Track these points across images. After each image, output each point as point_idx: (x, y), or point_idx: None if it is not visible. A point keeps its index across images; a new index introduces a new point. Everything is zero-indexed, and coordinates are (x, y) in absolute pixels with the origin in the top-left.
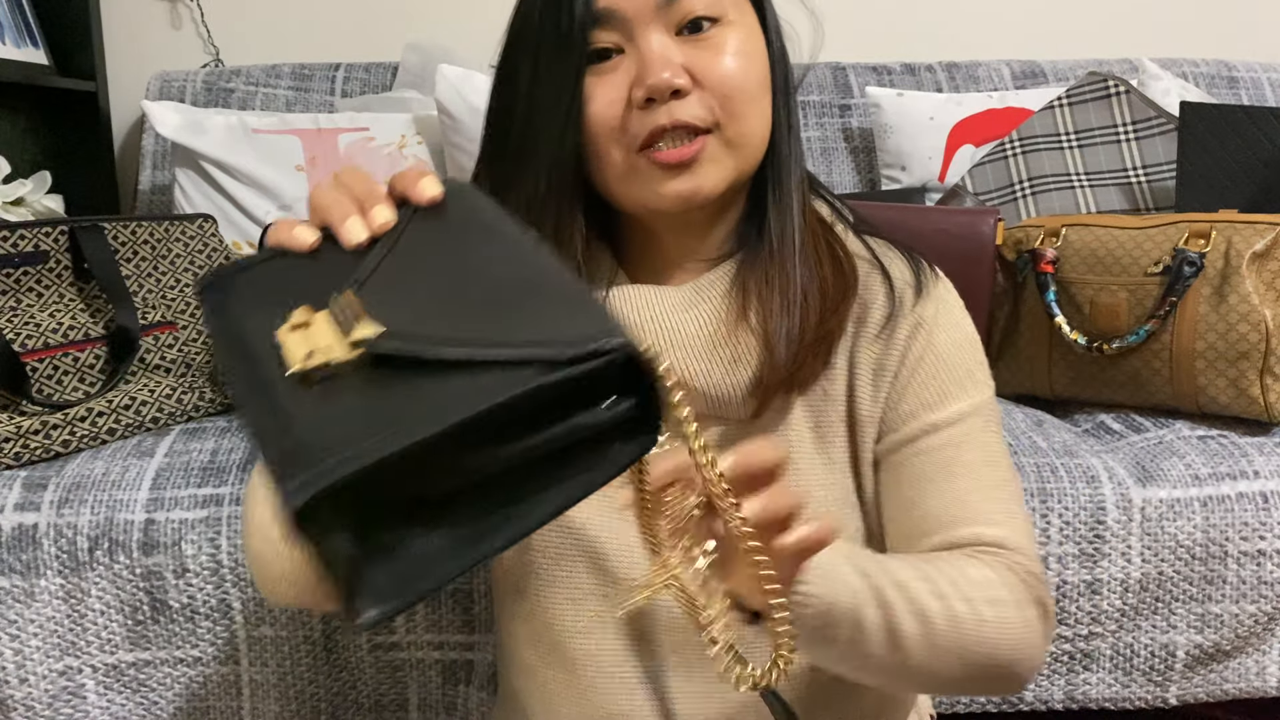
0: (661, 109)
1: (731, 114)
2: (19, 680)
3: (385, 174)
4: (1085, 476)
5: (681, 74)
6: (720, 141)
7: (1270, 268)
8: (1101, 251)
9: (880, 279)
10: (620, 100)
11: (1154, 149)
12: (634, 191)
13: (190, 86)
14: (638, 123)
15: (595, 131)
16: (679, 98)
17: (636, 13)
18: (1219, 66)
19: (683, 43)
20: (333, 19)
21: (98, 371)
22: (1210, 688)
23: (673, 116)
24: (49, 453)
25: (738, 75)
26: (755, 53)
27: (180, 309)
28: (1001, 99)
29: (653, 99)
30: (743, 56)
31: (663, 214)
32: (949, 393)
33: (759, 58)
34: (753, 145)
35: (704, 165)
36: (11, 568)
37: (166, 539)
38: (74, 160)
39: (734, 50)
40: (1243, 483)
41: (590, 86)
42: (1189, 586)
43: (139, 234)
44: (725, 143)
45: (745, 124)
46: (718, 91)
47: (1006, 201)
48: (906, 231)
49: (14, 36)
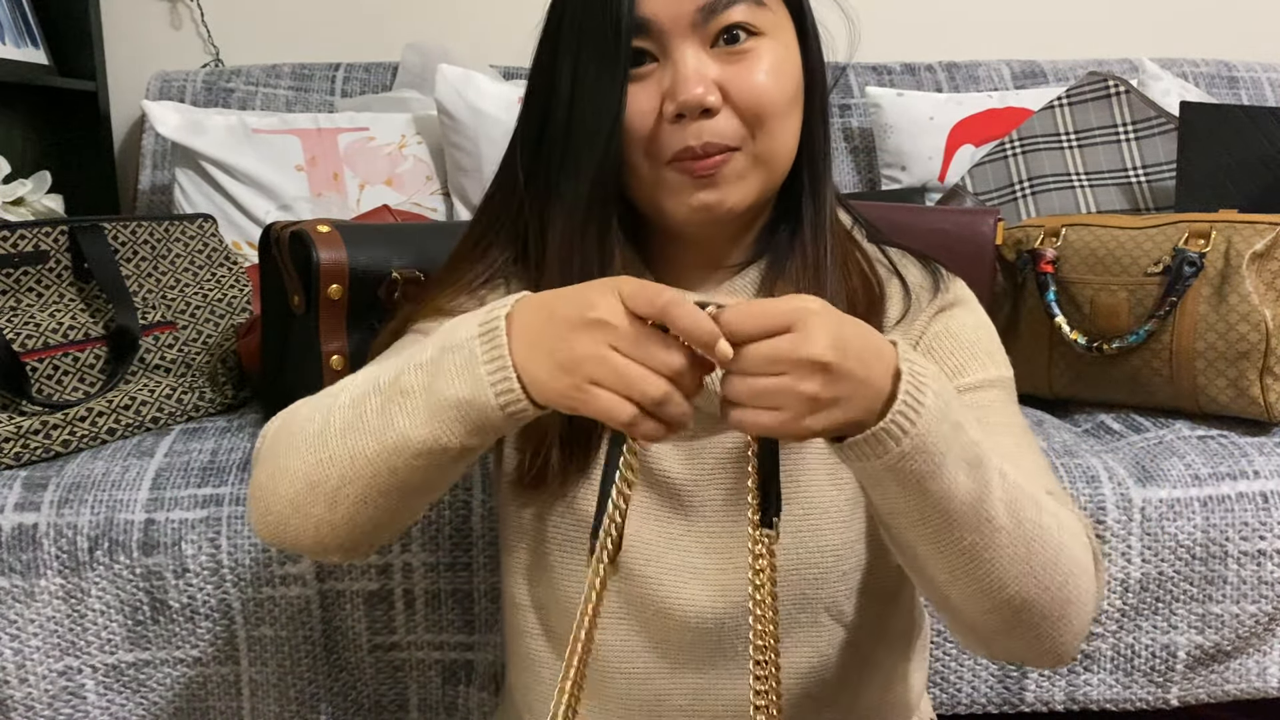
0: (691, 127)
1: (760, 131)
2: (19, 680)
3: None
4: (1085, 476)
5: (714, 91)
6: (748, 157)
7: (1270, 268)
8: (1101, 251)
9: (898, 286)
10: (652, 111)
11: (1154, 149)
12: (660, 201)
13: (190, 86)
14: (668, 137)
15: (627, 140)
16: (709, 116)
17: (674, 24)
18: (1219, 66)
19: (717, 55)
20: (333, 19)
21: (98, 371)
22: (1211, 688)
23: (701, 139)
24: (49, 453)
25: (770, 93)
26: (789, 68)
27: (180, 309)
28: (1001, 99)
29: (683, 115)
30: (776, 73)
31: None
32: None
33: (793, 73)
34: (779, 161)
35: (730, 180)
36: (11, 568)
37: (166, 539)
38: (74, 160)
39: (768, 67)
40: (1243, 483)
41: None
42: (1189, 587)
43: (139, 234)
44: (753, 158)
45: (774, 141)
46: (749, 110)
47: (1006, 201)
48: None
49: (14, 36)
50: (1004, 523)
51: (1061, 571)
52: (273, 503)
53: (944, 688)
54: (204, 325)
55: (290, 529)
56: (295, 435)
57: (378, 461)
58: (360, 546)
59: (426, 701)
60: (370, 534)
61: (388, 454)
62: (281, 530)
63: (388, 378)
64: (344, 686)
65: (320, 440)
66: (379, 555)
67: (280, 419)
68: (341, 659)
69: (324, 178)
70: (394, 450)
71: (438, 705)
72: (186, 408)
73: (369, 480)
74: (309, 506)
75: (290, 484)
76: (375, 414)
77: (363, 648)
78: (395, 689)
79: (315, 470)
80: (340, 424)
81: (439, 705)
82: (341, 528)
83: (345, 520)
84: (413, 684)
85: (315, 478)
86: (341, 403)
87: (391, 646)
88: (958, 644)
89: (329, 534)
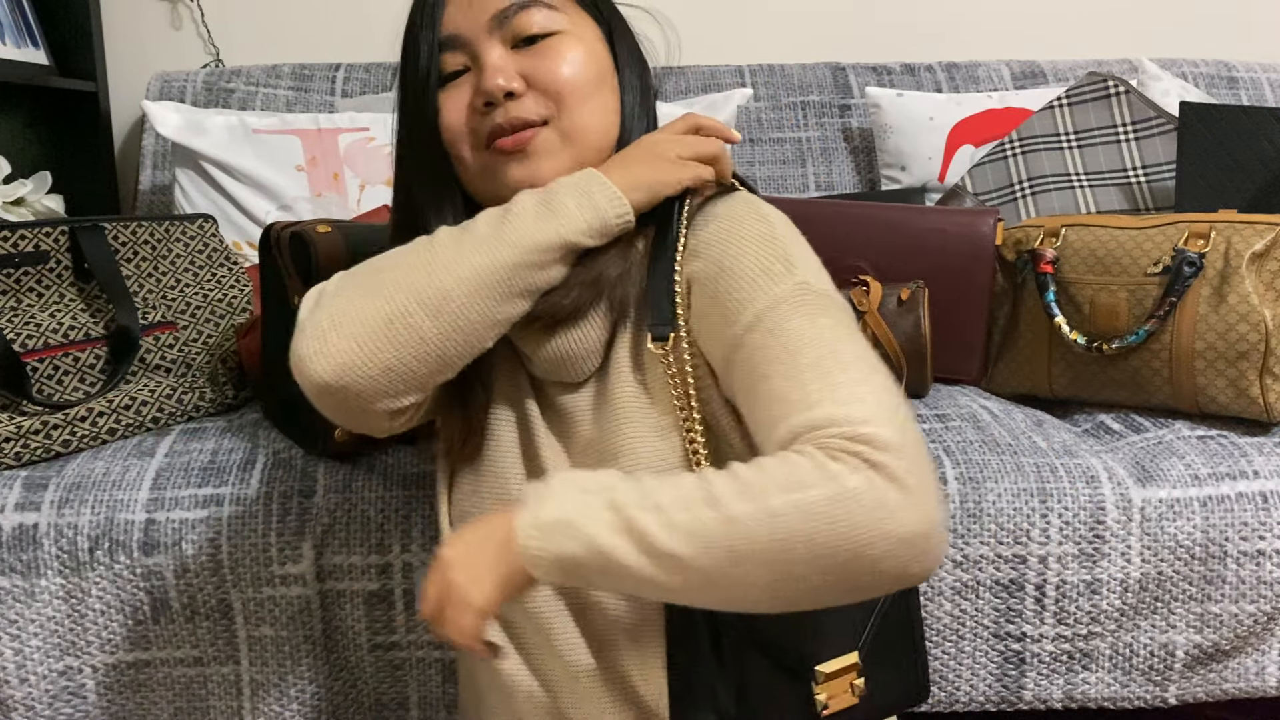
0: (498, 110)
1: (564, 109)
2: (19, 680)
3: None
4: (1085, 476)
5: (514, 79)
6: (556, 133)
7: (1270, 268)
8: (1101, 252)
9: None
10: (466, 107)
11: (1154, 149)
12: (489, 187)
13: (190, 87)
14: (481, 124)
15: (449, 137)
16: (513, 99)
17: (473, 33)
18: (1219, 66)
19: (519, 54)
20: (333, 19)
21: (98, 371)
22: (1210, 687)
23: (508, 115)
24: (49, 453)
25: (567, 74)
26: (590, 56)
27: (180, 309)
28: (1001, 99)
29: (490, 102)
30: (574, 61)
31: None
32: (744, 300)
33: (592, 60)
34: (589, 136)
35: (540, 154)
36: (12, 567)
37: (167, 539)
38: (74, 160)
39: (565, 55)
40: (1242, 483)
41: (443, 101)
42: (1188, 586)
43: (139, 234)
44: (561, 134)
45: (579, 117)
46: (549, 90)
47: (1006, 202)
48: (906, 231)
49: (14, 36)
50: (688, 549)
51: (797, 536)
52: (341, 336)
53: (942, 685)
54: (204, 325)
55: (373, 354)
56: (373, 270)
57: (503, 260)
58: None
59: (427, 700)
60: (459, 348)
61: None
62: (358, 359)
63: (486, 215)
64: (344, 686)
65: (427, 257)
66: (379, 555)
67: (337, 278)
68: (341, 659)
69: (324, 178)
70: (518, 247)
71: (438, 704)
72: (187, 408)
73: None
74: (409, 315)
75: (374, 311)
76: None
77: (363, 647)
78: (395, 688)
79: (419, 281)
80: (449, 245)
81: (439, 704)
82: (433, 341)
83: (439, 332)
84: (413, 683)
85: (414, 289)
86: (432, 240)
87: (391, 646)
88: (956, 643)
89: (418, 350)
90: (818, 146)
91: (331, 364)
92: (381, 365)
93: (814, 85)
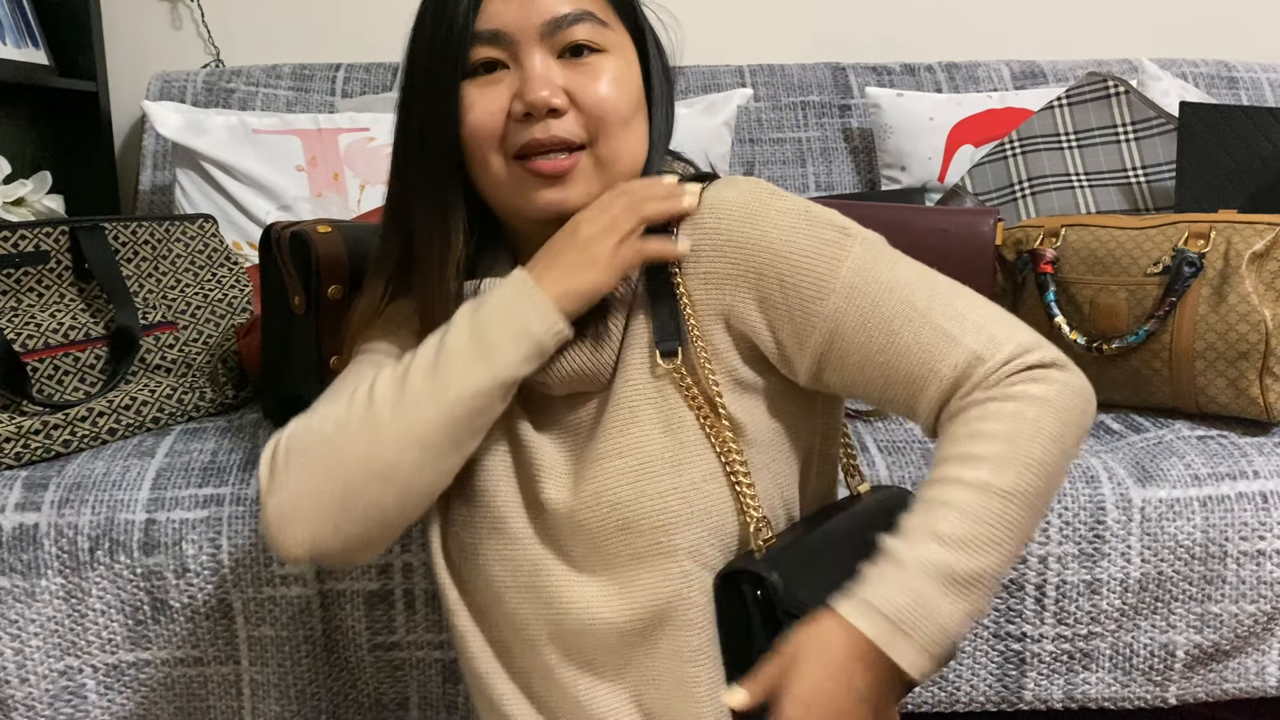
0: (538, 124)
1: (603, 134)
2: (19, 680)
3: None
4: (1085, 476)
5: (560, 94)
6: (592, 159)
7: (1270, 268)
8: (1101, 252)
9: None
10: (501, 111)
11: (1154, 149)
12: (510, 198)
13: (190, 87)
14: (515, 133)
15: (476, 138)
16: (555, 116)
17: (521, 33)
18: (1219, 66)
19: (564, 65)
20: (333, 19)
21: (98, 371)
22: (1210, 687)
23: (549, 132)
24: (49, 453)
25: (612, 100)
26: (630, 82)
27: (180, 309)
28: (1001, 99)
29: (531, 114)
30: (618, 84)
31: (534, 220)
32: (825, 275)
33: (633, 87)
34: (621, 165)
35: (575, 180)
36: (12, 567)
37: (167, 539)
38: (74, 160)
39: (611, 78)
40: (1242, 483)
41: (472, 96)
42: (1189, 586)
43: (139, 234)
44: (596, 160)
45: (616, 144)
46: (592, 114)
47: (1006, 202)
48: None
49: (14, 36)
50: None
51: (1053, 456)
52: (303, 519)
53: (942, 685)
54: (204, 325)
55: (335, 531)
56: (321, 442)
57: (442, 417)
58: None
59: (427, 700)
60: (417, 504)
61: (455, 405)
62: (323, 537)
63: (421, 358)
64: (344, 686)
65: (369, 425)
66: (379, 555)
67: (289, 435)
68: (342, 659)
69: (324, 178)
70: (455, 401)
71: (438, 704)
72: (187, 408)
73: (440, 431)
74: (363, 491)
75: (329, 493)
76: (423, 380)
77: (363, 647)
78: (395, 688)
79: (365, 454)
80: (388, 403)
81: (439, 704)
82: (391, 509)
83: (395, 498)
84: (413, 683)
85: (362, 464)
86: (372, 398)
87: (391, 646)
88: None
89: (378, 517)
90: (818, 146)
91: (301, 546)
92: (345, 538)
93: (814, 85)
